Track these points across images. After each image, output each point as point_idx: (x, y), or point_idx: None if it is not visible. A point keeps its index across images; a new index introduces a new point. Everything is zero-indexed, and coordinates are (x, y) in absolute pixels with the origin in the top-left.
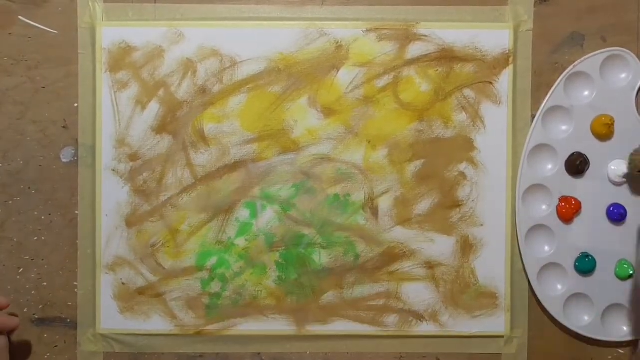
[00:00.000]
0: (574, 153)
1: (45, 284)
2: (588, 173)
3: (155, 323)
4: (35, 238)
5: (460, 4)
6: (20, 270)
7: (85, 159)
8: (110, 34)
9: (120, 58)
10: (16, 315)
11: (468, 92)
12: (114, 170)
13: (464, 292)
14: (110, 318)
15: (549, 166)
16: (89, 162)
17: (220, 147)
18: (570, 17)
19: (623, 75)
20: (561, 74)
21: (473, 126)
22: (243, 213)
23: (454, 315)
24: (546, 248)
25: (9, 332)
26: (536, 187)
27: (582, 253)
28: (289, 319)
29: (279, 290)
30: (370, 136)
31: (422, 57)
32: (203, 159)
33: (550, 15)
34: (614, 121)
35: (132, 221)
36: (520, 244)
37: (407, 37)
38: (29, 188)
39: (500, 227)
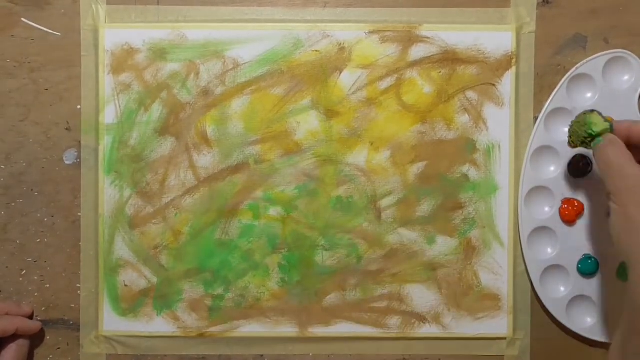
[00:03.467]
0: (576, 155)
1: (47, 285)
2: (591, 175)
3: (158, 325)
4: (38, 240)
5: (462, 6)
6: (23, 272)
7: (87, 161)
8: (113, 35)
9: (123, 60)
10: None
11: (471, 94)
12: (116, 172)
13: (466, 294)
14: (113, 320)
15: (552, 168)
16: (91, 164)
17: (223, 149)
18: (572, 19)
19: (626, 77)
20: (564, 76)
21: (475, 128)
22: (246, 215)
23: (456, 317)
24: (549, 250)
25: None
26: (539, 189)
27: (584, 255)
28: (292, 321)
29: (282, 292)
30: (373, 138)
31: (425, 59)
32: (206, 160)
33: (552, 18)
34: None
35: (134, 223)
36: (522, 246)
37: (409, 39)
38: (32, 190)
39: (503, 229)
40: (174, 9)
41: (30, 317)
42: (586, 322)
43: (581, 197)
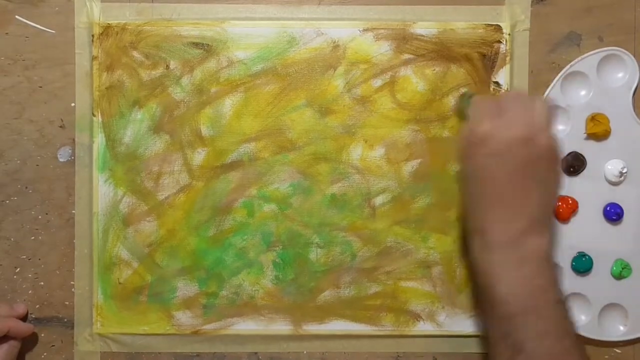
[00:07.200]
0: (570, 152)
1: (42, 283)
2: (585, 173)
3: (152, 323)
4: (32, 237)
5: (456, 3)
6: (17, 270)
7: (82, 159)
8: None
9: (118, 57)
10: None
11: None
12: (110, 169)
13: (461, 292)
14: (107, 318)
15: None
16: (85, 161)
17: (217, 147)
18: (567, 17)
19: (620, 75)
20: (558, 73)
21: None
22: (240, 212)
23: (450, 315)
24: None
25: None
26: None
27: (578, 252)
28: (286, 319)
29: (276, 289)
30: (367, 135)
31: (419, 57)
32: (200, 158)
33: (547, 15)
34: (607, 119)
35: (129, 221)
36: None
37: (404, 36)
38: (26, 187)
39: None
40: (168, 7)
41: (25, 317)
42: (580, 320)
43: (575, 195)
